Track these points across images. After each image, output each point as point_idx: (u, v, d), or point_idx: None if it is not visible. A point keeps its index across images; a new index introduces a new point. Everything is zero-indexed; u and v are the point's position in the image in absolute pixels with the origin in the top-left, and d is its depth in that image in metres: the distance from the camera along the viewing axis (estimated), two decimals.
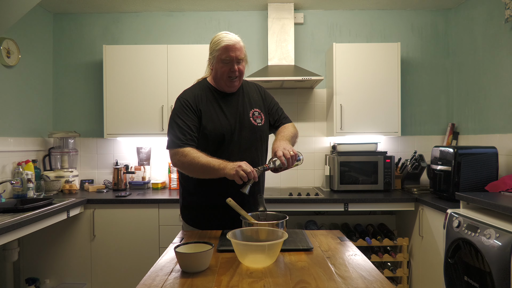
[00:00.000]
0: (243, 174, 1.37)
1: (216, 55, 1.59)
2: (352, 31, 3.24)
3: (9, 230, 1.86)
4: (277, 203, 2.61)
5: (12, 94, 2.73)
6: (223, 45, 1.57)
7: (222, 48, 1.57)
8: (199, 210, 1.69)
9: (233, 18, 3.25)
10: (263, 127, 1.71)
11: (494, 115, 2.68)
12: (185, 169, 1.54)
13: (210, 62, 1.65)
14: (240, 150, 1.63)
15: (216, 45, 1.58)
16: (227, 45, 1.56)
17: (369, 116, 2.90)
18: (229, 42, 1.57)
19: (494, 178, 2.33)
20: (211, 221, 1.67)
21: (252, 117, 1.68)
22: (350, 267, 1.15)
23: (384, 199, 2.63)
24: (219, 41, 1.58)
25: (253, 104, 1.72)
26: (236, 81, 1.64)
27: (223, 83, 1.64)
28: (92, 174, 3.24)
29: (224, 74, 1.60)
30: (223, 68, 1.59)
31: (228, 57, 1.57)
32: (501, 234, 1.58)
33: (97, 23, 3.25)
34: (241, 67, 1.62)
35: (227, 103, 1.67)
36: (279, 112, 1.81)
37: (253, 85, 1.81)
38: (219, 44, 1.58)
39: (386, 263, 2.69)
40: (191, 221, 1.72)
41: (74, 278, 2.65)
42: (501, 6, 2.56)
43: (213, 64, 1.63)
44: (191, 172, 1.53)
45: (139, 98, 2.93)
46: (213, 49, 1.61)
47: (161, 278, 1.07)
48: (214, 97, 1.66)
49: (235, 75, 1.62)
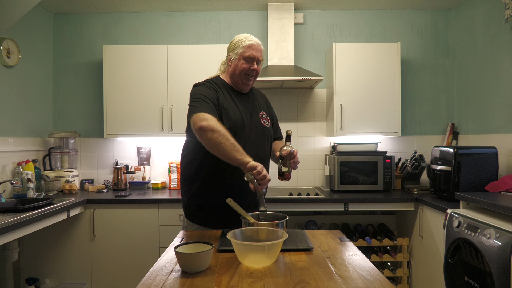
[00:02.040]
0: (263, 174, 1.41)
1: (239, 51, 1.67)
2: (352, 31, 3.24)
3: (9, 230, 1.86)
4: (277, 203, 2.61)
5: (12, 94, 2.73)
6: (248, 44, 1.66)
7: (247, 46, 1.66)
8: (203, 208, 1.70)
9: (233, 18, 3.25)
10: (270, 129, 1.79)
11: (494, 115, 2.68)
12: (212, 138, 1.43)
13: (230, 59, 1.71)
14: (249, 145, 1.64)
15: (241, 43, 1.67)
16: (252, 44, 1.67)
17: (369, 116, 2.90)
18: (253, 42, 1.68)
19: (494, 178, 2.33)
20: (216, 218, 1.68)
21: (261, 118, 1.76)
22: (350, 267, 1.15)
23: (384, 199, 2.63)
24: (244, 40, 1.68)
25: (261, 107, 1.82)
26: (252, 80, 1.72)
27: (240, 80, 1.70)
28: (92, 174, 3.24)
29: (243, 71, 1.67)
30: (243, 65, 1.67)
31: (251, 55, 1.66)
32: (501, 234, 1.58)
33: (97, 23, 3.25)
34: (258, 68, 1.71)
35: (240, 100, 1.73)
36: (278, 126, 1.94)
37: (260, 92, 1.92)
38: (244, 42, 1.67)
39: (386, 263, 2.69)
40: (196, 219, 1.72)
41: (74, 278, 2.65)
42: (501, 6, 2.56)
43: (233, 61, 1.69)
44: (215, 142, 1.43)
45: (139, 98, 2.93)
46: (236, 46, 1.68)
47: (161, 278, 1.07)
48: (228, 92, 1.71)
49: (253, 74, 1.69)
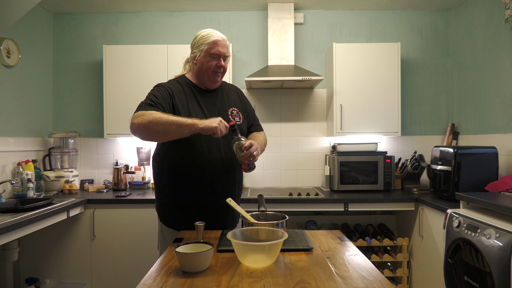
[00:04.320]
0: (225, 125, 1.44)
1: (204, 48, 1.62)
2: (352, 31, 3.24)
3: (9, 230, 1.86)
4: (277, 203, 2.61)
5: (12, 94, 2.73)
6: (213, 40, 1.61)
7: (212, 42, 1.61)
8: (173, 210, 1.65)
9: (233, 18, 3.25)
10: (241, 125, 1.72)
11: (494, 115, 2.68)
12: (145, 128, 1.40)
13: (194, 56, 1.66)
14: (215, 146, 1.60)
15: (206, 39, 1.62)
16: (217, 40, 1.62)
17: (369, 116, 2.90)
18: (218, 38, 1.62)
19: (494, 178, 2.33)
20: (186, 221, 1.60)
21: (231, 115, 1.70)
22: (350, 267, 1.15)
23: (384, 199, 2.63)
24: (209, 36, 1.62)
25: (232, 103, 1.75)
26: (220, 76, 1.68)
27: (206, 78, 1.66)
28: (92, 174, 3.24)
29: (210, 68, 1.63)
30: (210, 62, 1.62)
31: (218, 52, 1.61)
32: (501, 234, 1.58)
33: (97, 23, 3.25)
34: (225, 64, 1.67)
35: (206, 100, 1.68)
36: (255, 119, 1.86)
37: (233, 87, 1.86)
38: (209, 38, 1.61)
39: (386, 263, 2.69)
40: (167, 222, 1.67)
41: (74, 278, 2.65)
42: (501, 6, 2.56)
43: (199, 58, 1.64)
44: (152, 130, 1.39)
45: (139, 98, 2.87)
46: (201, 42, 1.63)
47: (161, 278, 1.07)
48: (192, 92, 1.66)
49: (220, 71, 1.66)
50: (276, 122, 3.24)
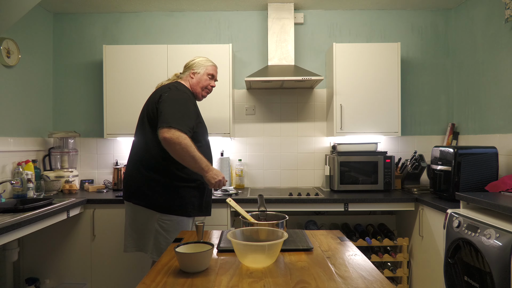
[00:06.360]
0: (224, 182, 1.85)
1: (203, 70, 2.07)
2: (352, 31, 3.24)
3: (9, 230, 1.86)
4: (277, 203, 2.61)
5: (12, 94, 2.73)
6: (211, 64, 2.11)
7: (212, 66, 2.11)
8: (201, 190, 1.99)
9: (233, 18, 3.25)
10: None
11: (494, 115, 2.68)
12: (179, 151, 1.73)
13: (194, 72, 2.05)
14: (208, 149, 2.05)
15: (206, 63, 2.09)
16: (214, 66, 2.14)
17: (369, 116, 2.90)
18: (215, 65, 2.14)
19: (494, 178, 2.33)
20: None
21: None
22: (350, 267, 1.15)
23: (384, 199, 2.63)
24: (208, 61, 2.11)
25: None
26: (208, 94, 2.14)
27: (200, 93, 2.08)
28: (92, 174, 3.24)
29: (206, 85, 2.08)
30: (207, 81, 2.08)
31: (214, 74, 2.12)
32: (501, 234, 1.58)
33: (97, 23, 3.25)
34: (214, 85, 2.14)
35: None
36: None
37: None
38: (208, 62, 2.10)
39: (386, 263, 2.69)
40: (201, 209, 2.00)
41: (74, 278, 2.65)
42: (501, 6, 2.56)
43: (198, 74, 2.05)
44: (182, 154, 1.74)
45: (139, 98, 2.92)
46: (201, 64, 2.07)
47: (161, 278, 1.07)
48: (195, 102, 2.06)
49: (211, 90, 2.13)
50: (276, 122, 3.24)
